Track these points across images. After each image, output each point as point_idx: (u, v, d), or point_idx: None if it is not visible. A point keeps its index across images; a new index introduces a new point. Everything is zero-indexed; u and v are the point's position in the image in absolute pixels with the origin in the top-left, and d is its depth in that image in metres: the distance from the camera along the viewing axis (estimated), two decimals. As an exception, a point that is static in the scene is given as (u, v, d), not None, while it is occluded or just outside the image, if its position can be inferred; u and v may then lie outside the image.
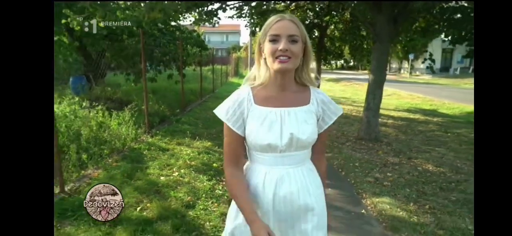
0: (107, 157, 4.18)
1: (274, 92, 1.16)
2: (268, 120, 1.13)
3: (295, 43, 1.09)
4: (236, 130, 1.16)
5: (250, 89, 1.18)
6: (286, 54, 1.07)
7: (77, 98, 6.98)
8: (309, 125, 1.16)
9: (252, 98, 1.16)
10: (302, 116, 1.16)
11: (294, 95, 1.17)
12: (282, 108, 1.15)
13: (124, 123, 5.14)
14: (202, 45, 10.36)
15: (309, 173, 1.21)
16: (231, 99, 1.18)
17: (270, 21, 1.12)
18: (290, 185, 1.15)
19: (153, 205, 2.98)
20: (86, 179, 3.54)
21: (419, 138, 6.55)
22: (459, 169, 4.62)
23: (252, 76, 1.21)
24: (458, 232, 2.87)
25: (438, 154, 5.38)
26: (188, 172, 3.88)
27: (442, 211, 3.25)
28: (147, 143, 4.97)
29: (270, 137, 1.12)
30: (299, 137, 1.13)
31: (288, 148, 1.14)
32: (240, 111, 1.15)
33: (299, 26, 1.11)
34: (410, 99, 14.73)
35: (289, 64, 1.09)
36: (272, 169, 1.16)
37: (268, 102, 1.15)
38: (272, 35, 1.09)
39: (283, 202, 1.15)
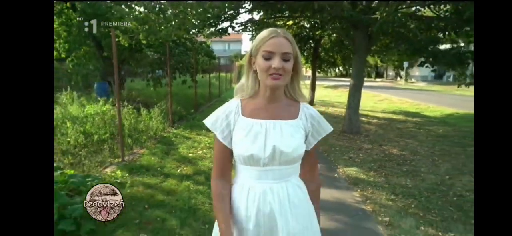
0: (146, 142, 5.51)
1: (262, 104, 1.16)
2: (253, 132, 1.13)
3: (288, 61, 1.10)
4: (223, 141, 1.16)
5: (240, 101, 1.19)
6: (278, 72, 1.08)
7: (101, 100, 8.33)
8: (295, 139, 1.14)
9: (240, 109, 1.17)
10: (287, 129, 1.15)
11: (282, 108, 1.17)
12: (268, 120, 1.15)
13: (155, 117, 6.47)
14: (211, 55, 11.76)
15: (295, 190, 1.18)
16: (220, 110, 1.19)
17: (264, 37, 1.11)
18: (273, 202, 1.13)
19: (188, 168, 4.31)
20: (136, 154, 4.87)
21: (395, 133, 7.85)
22: (417, 152, 5.92)
23: (241, 88, 1.22)
24: (400, 187, 4.15)
25: (405, 143, 6.69)
26: (209, 151, 5.20)
27: (392, 176, 4.56)
28: (173, 133, 6.31)
29: (253, 148, 1.12)
30: (282, 149, 1.12)
31: (270, 161, 1.13)
32: (227, 123, 1.16)
33: (292, 43, 1.12)
34: (399, 104, 16.01)
35: (281, 81, 1.10)
36: (255, 184, 1.15)
37: (255, 114, 1.16)
38: (266, 51, 1.09)
39: (268, 220, 1.13)
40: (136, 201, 3.27)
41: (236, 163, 1.20)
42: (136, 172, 4.05)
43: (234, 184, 1.22)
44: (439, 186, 4.24)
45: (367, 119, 10.14)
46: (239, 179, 1.19)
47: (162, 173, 4.08)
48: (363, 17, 5.41)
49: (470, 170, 4.89)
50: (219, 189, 1.17)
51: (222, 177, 1.19)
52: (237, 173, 1.22)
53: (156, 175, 3.96)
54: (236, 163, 1.20)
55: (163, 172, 4.11)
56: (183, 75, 10.62)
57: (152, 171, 4.14)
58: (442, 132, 8.05)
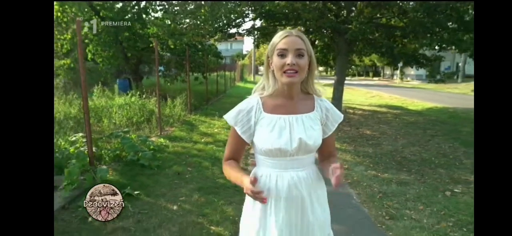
0: (173, 123, 7.12)
1: (282, 101, 1.23)
2: (278, 127, 1.21)
3: (302, 57, 1.16)
4: (242, 135, 1.24)
5: (259, 98, 1.26)
6: (293, 68, 1.14)
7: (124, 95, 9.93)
8: (315, 130, 1.24)
9: (262, 106, 1.24)
10: (308, 122, 1.23)
11: (300, 103, 1.25)
12: (290, 115, 1.22)
13: (177, 105, 8.09)
14: (219, 55, 13.36)
15: (316, 176, 1.29)
16: (241, 106, 1.26)
17: (279, 36, 1.19)
18: (301, 188, 1.23)
19: (209, 138, 5.92)
20: (168, 131, 6.47)
21: (373, 120, 9.43)
22: (385, 133, 7.50)
23: (261, 86, 1.28)
24: (362, 153, 5.73)
25: (379, 127, 8.27)
26: (223, 130, 6.81)
27: (360, 146, 6.14)
28: (192, 118, 7.94)
29: (280, 142, 1.19)
30: (307, 142, 1.20)
31: (297, 152, 1.21)
32: (248, 118, 1.23)
33: (305, 41, 1.18)
34: (388, 99, 17.56)
35: (296, 78, 1.16)
36: (282, 173, 1.23)
37: (277, 110, 1.23)
38: (280, 49, 1.16)
39: (296, 205, 1.22)
40: (178, 155, 4.88)
41: (258, 155, 1.28)
42: (172, 140, 5.66)
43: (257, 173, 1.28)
44: (391, 152, 5.84)
45: (353, 110, 11.70)
46: (263, 169, 1.27)
47: (191, 141, 5.70)
48: (341, 26, 6.98)
49: (420, 144, 6.47)
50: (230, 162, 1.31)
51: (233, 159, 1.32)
52: (258, 163, 1.29)
53: (187, 142, 5.57)
54: (258, 155, 1.28)
55: (192, 140, 5.73)
56: (195, 73, 12.22)
57: (183, 140, 5.76)
58: (413, 120, 9.62)
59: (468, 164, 5.14)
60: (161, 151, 4.98)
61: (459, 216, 3.28)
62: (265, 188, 1.22)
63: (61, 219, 2.82)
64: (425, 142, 6.67)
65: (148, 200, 3.32)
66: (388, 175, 4.54)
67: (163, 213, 3.04)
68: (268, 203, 1.22)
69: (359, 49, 9.28)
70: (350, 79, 40.62)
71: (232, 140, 1.29)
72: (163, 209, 3.12)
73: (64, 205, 3.03)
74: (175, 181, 3.86)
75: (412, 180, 4.38)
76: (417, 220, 3.19)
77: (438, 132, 7.72)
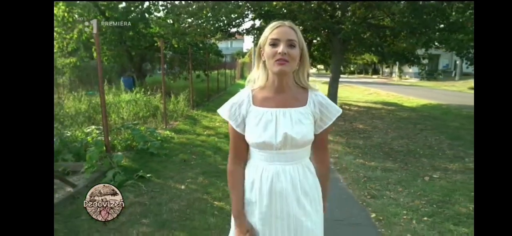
0: (177, 118, 7.58)
1: (272, 93, 1.23)
2: (264, 120, 1.21)
3: (293, 47, 1.16)
4: (237, 128, 1.26)
5: (250, 91, 1.28)
6: (284, 57, 1.14)
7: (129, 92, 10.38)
8: (304, 125, 1.21)
9: (251, 99, 1.25)
10: (297, 116, 1.21)
11: (291, 96, 1.24)
12: (278, 108, 1.22)
13: (181, 101, 8.54)
14: (220, 53, 13.80)
15: (305, 172, 1.26)
16: (233, 100, 1.28)
17: (271, 27, 1.20)
18: (285, 181, 1.21)
19: (211, 131, 6.37)
20: (173, 125, 6.92)
21: (367, 116, 9.87)
22: (377, 127, 7.95)
23: (253, 78, 1.30)
24: (353, 144, 6.18)
25: (372, 122, 8.72)
26: (224, 124, 7.26)
27: (351, 139, 6.59)
28: (194, 113, 8.40)
29: (265, 135, 1.20)
30: (293, 136, 1.19)
31: (283, 146, 1.20)
32: (240, 111, 1.25)
33: (297, 33, 1.19)
34: (385, 97, 17.98)
35: (287, 67, 1.16)
36: (268, 165, 1.23)
37: (266, 103, 1.23)
38: (272, 39, 1.16)
39: (279, 198, 1.22)
40: (183, 145, 5.34)
41: (250, 147, 1.29)
42: (177, 133, 6.12)
43: (248, 164, 1.31)
44: (380, 144, 6.28)
45: (349, 107, 12.14)
46: (253, 161, 1.28)
47: (195, 133, 6.16)
48: (335, 26, 7.42)
49: (409, 137, 6.92)
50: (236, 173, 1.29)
51: (238, 158, 1.31)
52: (251, 154, 1.30)
53: (191, 134, 6.03)
54: (250, 147, 1.29)
55: (195, 133, 6.19)
56: (197, 70, 12.67)
57: (187, 132, 6.22)
58: (406, 116, 10.06)
59: (450, 154, 5.59)
60: (167, 141, 5.44)
61: (432, 196, 3.73)
62: (250, 179, 1.27)
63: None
64: (413, 135, 7.11)
65: (158, 181, 3.78)
66: (374, 163, 5.00)
67: (173, 191, 3.50)
68: (253, 194, 1.25)
69: (352, 48, 9.72)
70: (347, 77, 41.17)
71: (231, 135, 1.30)
72: (172, 188, 3.59)
73: (87, 184, 3.49)
74: (181, 167, 4.32)
75: (396, 167, 4.83)
76: (394, 199, 3.64)
77: (427, 126, 8.16)
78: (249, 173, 1.29)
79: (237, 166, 1.30)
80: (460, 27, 6.36)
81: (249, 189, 1.27)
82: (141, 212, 3.02)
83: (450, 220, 3.11)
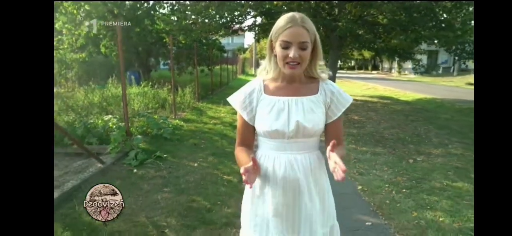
0: (184, 109, 8.13)
1: (283, 83, 1.24)
2: (276, 108, 1.21)
3: (305, 50, 1.14)
4: (246, 117, 1.26)
5: (262, 80, 1.28)
6: (296, 60, 1.13)
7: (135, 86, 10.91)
8: (315, 114, 1.21)
9: (263, 88, 1.26)
10: (308, 105, 1.21)
11: (302, 86, 1.24)
12: (290, 97, 1.22)
13: (187, 94, 9.10)
14: (222, 49, 14.31)
15: (315, 162, 1.26)
16: (244, 89, 1.29)
17: (283, 25, 1.14)
18: (298, 171, 1.21)
19: (217, 120, 6.92)
20: (181, 115, 7.47)
21: (363, 109, 10.40)
22: (371, 118, 8.49)
23: (264, 69, 1.29)
24: (347, 133, 6.71)
25: (366, 114, 9.25)
26: (228, 114, 7.81)
27: (346, 128, 7.13)
28: (200, 105, 8.95)
29: (277, 124, 1.19)
30: (305, 125, 1.18)
31: (295, 135, 1.20)
32: (250, 100, 1.26)
33: (309, 30, 1.15)
34: (382, 91, 18.48)
35: (298, 70, 1.16)
36: (280, 154, 1.23)
37: (277, 92, 1.24)
38: (284, 41, 1.13)
39: (292, 188, 1.22)
40: (192, 132, 5.89)
41: (259, 136, 1.29)
42: (186, 122, 6.68)
43: (258, 154, 1.30)
44: (372, 133, 6.82)
45: (346, 100, 12.65)
46: (263, 150, 1.28)
47: (202, 122, 6.70)
48: (332, 24, 7.93)
49: (400, 127, 7.46)
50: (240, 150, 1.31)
51: (245, 146, 1.32)
52: (260, 144, 1.30)
53: (198, 123, 6.58)
54: (259, 136, 1.29)
55: (202, 122, 6.74)
56: (201, 65, 13.21)
57: (195, 122, 6.77)
58: (400, 108, 10.59)
59: (435, 142, 6.13)
60: (178, 129, 6.00)
61: (413, 174, 4.27)
62: (263, 168, 1.25)
63: (114, 170, 3.85)
64: (404, 126, 7.65)
65: (174, 160, 4.33)
66: (365, 149, 5.54)
67: (187, 167, 4.06)
68: (265, 184, 1.25)
69: (348, 44, 10.24)
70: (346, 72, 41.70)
71: (239, 124, 1.30)
72: (187, 165, 4.14)
73: (113, 162, 4.05)
74: (192, 149, 4.88)
75: (384, 152, 5.37)
76: (379, 176, 4.19)
77: (419, 118, 8.69)
78: (260, 162, 1.26)
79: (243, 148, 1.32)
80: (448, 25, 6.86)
81: (262, 180, 1.25)
82: (162, 183, 3.58)
83: (425, 192, 3.65)
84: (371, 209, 3.25)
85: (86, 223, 2.65)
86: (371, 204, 3.36)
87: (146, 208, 3.01)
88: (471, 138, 6.30)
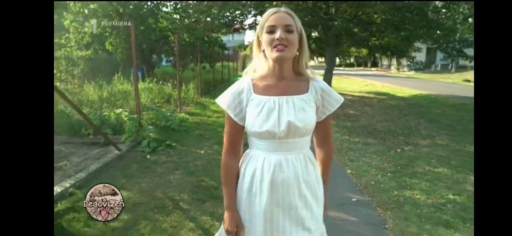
0: (188, 104, 8.58)
1: (273, 81, 1.20)
2: (266, 108, 1.18)
3: (291, 33, 1.13)
4: (235, 117, 1.22)
5: (250, 80, 1.24)
6: (282, 42, 1.11)
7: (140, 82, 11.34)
8: (307, 113, 1.19)
9: (252, 87, 1.22)
10: (299, 103, 1.19)
11: (292, 84, 1.21)
12: (281, 96, 1.19)
13: (191, 89, 9.55)
14: (224, 47, 14.75)
15: (307, 161, 1.24)
16: (232, 89, 1.25)
17: (267, 14, 1.17)
18: (288, 171, 1.19)
19: (220, 114, 7.37)
20: (185, 109, 7.92)
21: (359, 104, 10.84)
22: (366, 112, 8.93)
23: (252, 68, 1.26)
24: (342, 125, 7.16)
25: (362, 108, 9.70)
26: (229, 109, 8.27)
27: (341, 121, 7.58)
28: (203, 100, 9.40)
29: (268, 124, 1.16)
30: (296, 124, 1.16)
31: (286, 135, 1.17)
32: (239, 100, 1.22)
33: (294, 18, 1.17)
34: (380, 88, 18.90)
35: (286, 53, 1.13)
36: (270, 155, 1.20)
37: (267, 91, 1.20)
38: (269, 26, 1.14)
39: (281, 187, 1.20)
40: (197, 124, 6.35)
41: (249, 137, 1.26)
42: (191, 115, 7.13)
43: (247, 154, 1.29)
44: (366, 126, 7.27)
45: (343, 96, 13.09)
46: (253, 151, 1.26)
47: (206, 115, 7.16)
48: (329, 23, 8.36)
49: (392, 120, 7.91)
50: (230, 166, 1.28)
51: (233, 152, 1.28)
52: (250, 145, 1.28)
53: (203, 116, 7.03)
54: (249, 137, 1.26)
55: (206, 115, 7.20)
56: (203, 62, 13.65)
57: (199, 115, 7.23)
58: (394, 104, 11.03)
59: (424, 134, 6.58)
60: (184, 121, 6.45)
61: (399, 161, 4.72)
62: (252, 169, 1.23)
63: (130, 156, 4.31)
64: (397, 119, 8.10)
65: (182, 148, 4.80)
66: (357, 139, 6.00)
67: (195, 154, 4.52)
68: (254, 184, 1.23)
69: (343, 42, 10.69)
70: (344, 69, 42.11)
71: (227, 125, 1.27)
72: (194, 152, 4.61)
73: (128, 149, 4.51)
74: (198, 139, 5.34)
75: (375, 142, 5.82)
76: (368, 163, 4.64)
77: (412, 112, 9.13)
78: (249, 164, 1.26)
79: (231, 160, 1.29)
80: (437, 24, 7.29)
81: (250, 179, 1.24)
82: (173, 167, 4.04)
83: (407, 176, 4.10)
84: (357, 189, 3.71)
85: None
86: (358, 185, 3.81)
87: (161, 186, 3.47)
88: (458, 131, 6.76)
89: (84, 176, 3.49)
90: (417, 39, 8.16)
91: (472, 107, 9.32)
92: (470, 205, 3.21)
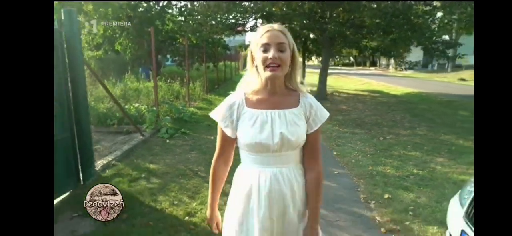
0: (195, 100, 9.44)
1: (265, 95, 1.24)
2: (259, 121, 1.21)
3: (284, 51, 1.17)
4: (226, 130, 1.26)
5: (243, 93, 1.27)
6: (276, 61, 1.15)
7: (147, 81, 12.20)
8: (299, 126, 1.22)
9: (244, 101, 1.25)
10: (291, 117, 1.22)
11: (283, 98, 1.24)
12: (273, 110, 1.22)
13: (198, 87, 10.41)
14: (227, 47, 15.61)
15: (298, 174, 1.28)
16: (225, 102, 1.29)
17: (261, 32, 1.20)
18: (284, 185, 1.22)
19: (225, 109, 8.24)
20: (194, 104, 8.77)
21: (352, 101, 11.69)
22: (357, 108, 9.78)
23: (245, 82, 1.29)
24: (334, 119, 8.00)
25: (354, 104, 10.55)
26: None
27: (333, 115, 8.42)
28: (209, 96, 10.26)
29: (261, 136, 1.19)
30: (289, 137, 1.19)
31: (280, 148, 1.20)
32: (231, 112, 1.26)
33: (287, 36, 1.20)
34: (376, 86, 19.70)
35: (279, 72, 1.17)
36: (264, 169, 1.23)
37: (259, 105, 1.23)
38: (263, 44, 1.17)
39: (278, 201, 1.22)
40: (205, 117, 7.21)
41: (242, 151, 1.28)
42: (199, 109, 7.98)
43: (240, 170, 1.32)
44: (355, 119, 8.12)
45: (339, 94, 13.94)
46: (246, 165, 1.29)
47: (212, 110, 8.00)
48: (323, 26, 9.20)
49: (380, 114, 8.75)
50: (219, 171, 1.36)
51: (223, 160, 1.34)
52: (243, 160, 1.31)
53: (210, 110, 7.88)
54: (242, 151, 1.28)
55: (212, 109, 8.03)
56: (208, 62, 14.51)
57: (207, 109, 8.08)
58: (385, 100, 11.87)
59: (407, 126, 7.41)
60: (194, 114, 7.31)
61: (379, 147, 5.55)
62: (248, 184, 1.26)
63: (152, 141, 5.18)
64: (384, 114, 8.94)
65: (195, 135, 5.66)
66: (346, 130, 6.84)
67: (206, 139, 5.38)
68: (251, 199, 1.25)
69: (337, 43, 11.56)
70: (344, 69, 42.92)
71: (220, 138, 1.32)
72: (205, 138, 5.47)
73: (150, 135, 5.37)
74: (208, 128, 6.20)
75: (361, 132, 6.66)
76: (352, 147, 5.48)
77: (400, 108, 9.96)
78: (243, 180, 1.28)
79: (222, 166, 1.35)
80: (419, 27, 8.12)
81: (247, 196, 1.26)
82: (189, 149, 4.90)
83: (383, 157, 4.94)
84: (340, 165, 4.56)
85: (144, 169, 3.96)
86: (340, 162, 4.67)
87: (182, 161, 4.33)
88: (437, 123, 7.59)
89: (120, 154, 4.34)
90: (404, 41, 8.99)
91: (458, 104, 10.20)
92: (428, 176, 4.04)
